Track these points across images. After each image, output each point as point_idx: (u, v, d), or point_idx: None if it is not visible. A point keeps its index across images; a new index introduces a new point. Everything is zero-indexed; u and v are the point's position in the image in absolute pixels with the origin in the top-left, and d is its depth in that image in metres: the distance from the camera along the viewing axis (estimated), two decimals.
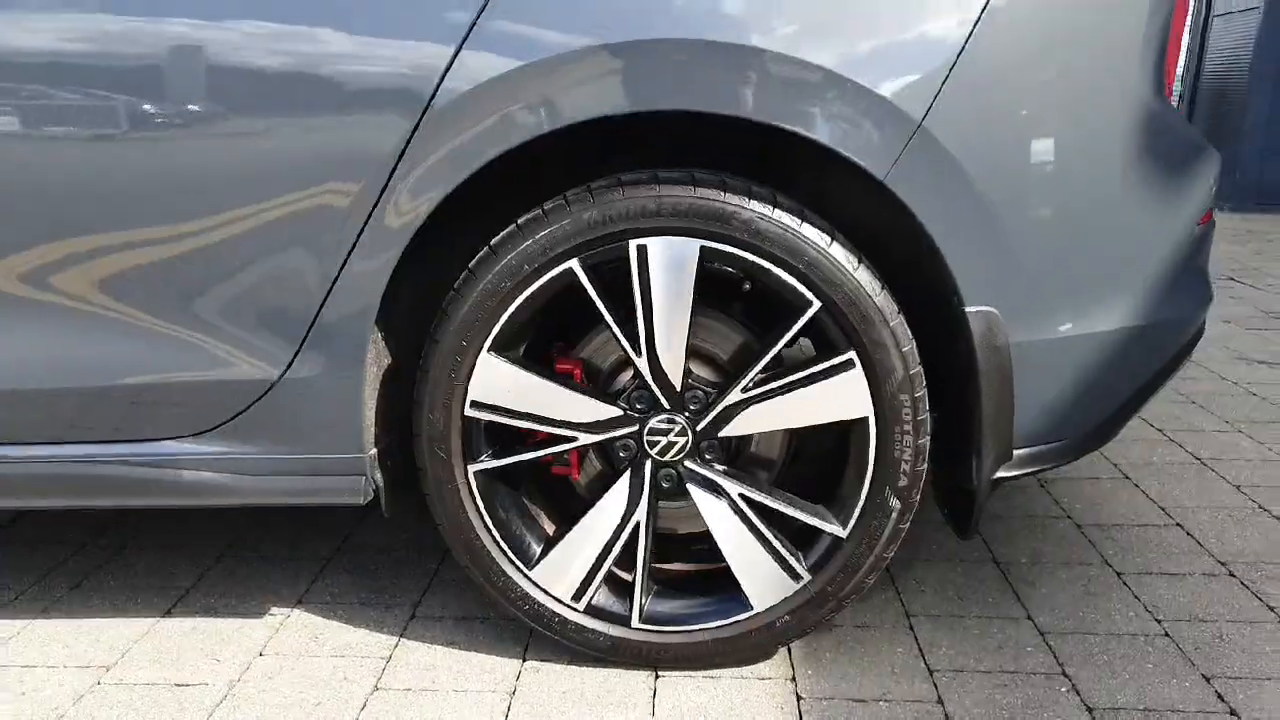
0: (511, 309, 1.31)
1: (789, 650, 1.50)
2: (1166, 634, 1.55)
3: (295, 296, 1.30)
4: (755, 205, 1.26)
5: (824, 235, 1.27)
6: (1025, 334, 1.31)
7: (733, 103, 1.21)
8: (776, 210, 1.26)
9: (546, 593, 1.43)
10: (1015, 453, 1.38)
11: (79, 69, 1.23)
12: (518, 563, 1.42)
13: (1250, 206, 6.11)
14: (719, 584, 1.44)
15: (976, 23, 1.21)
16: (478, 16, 1.20)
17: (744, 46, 1.19)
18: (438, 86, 1.20)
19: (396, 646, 1.52)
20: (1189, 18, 1.46)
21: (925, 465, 1.35)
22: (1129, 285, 1.37)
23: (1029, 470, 1.40)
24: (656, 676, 1.45)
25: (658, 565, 1.49)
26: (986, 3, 1.21)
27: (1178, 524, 1.92)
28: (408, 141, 1.22)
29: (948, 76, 1.21)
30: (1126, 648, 1.51)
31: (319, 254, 1.28)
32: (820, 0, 1.21)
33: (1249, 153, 6.09)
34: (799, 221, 1.27)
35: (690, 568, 1.51)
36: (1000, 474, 1.38)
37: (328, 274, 1.28)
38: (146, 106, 1.23)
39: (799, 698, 1.39)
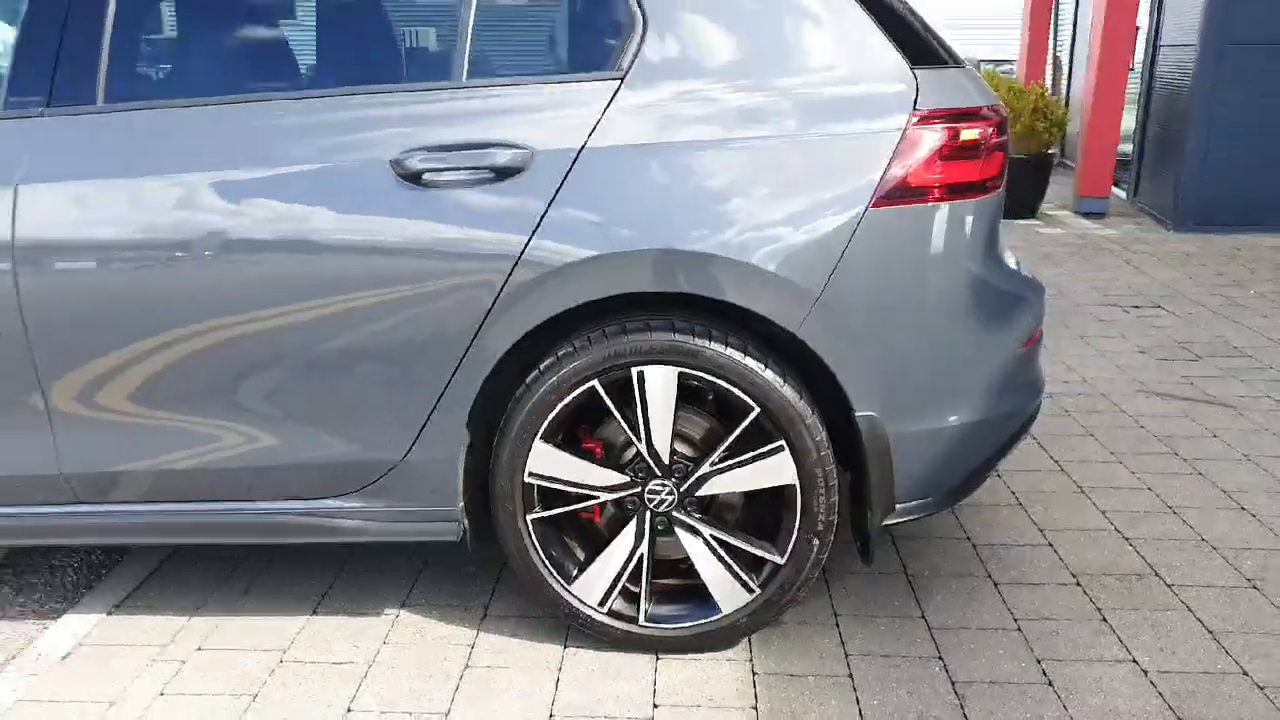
0: (554, 412, 1.97)
1: (749, 640, 2.16)
2: (1019, 629, 2.19)
3: (416, 408, 1.96)
4: (714, 345, 1.91)
5: (759, 363, 1.92)
6: (898, 427, 1.96)
7: (704, 286, 1.87)
8: (728, 348, 1.91)
9: (580, 601, 2.09)
10: (897, 507, 2.03)
11: (288, 276, 1.89)
12: (560, 580, 2.08)
13: (1190, 226, 6.65)
14: (698, 594, 2.09)
15: (854, 231, 1.86)
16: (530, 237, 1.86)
17: (707, 254, 1.85)
18: (508, 276, 1.87)
19: (476, 637, 2.19)
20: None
21: (835, 514, 2.01)
22: (972, 393, 2.01)
23: (908, 519, 2.05)
24: (657, 658, 2.10)
25: (656, 580, 2.14)
26: (861, 217, 1.85)
27: (1049, 543, 2.55)
28: (489, 309, 1.88)
29: (836, 266, 1.86)
30: (988, 638, 2.16)
31: (432, 382, 1.94)
32: (757, 220, 1.86)
33: (1189, 174, 6.62)
34: (743, 355, 1.91)
35: (678, 582, 2.16)
36: (887, 521, 2.03)
37: (436, 393, 1.95)
38: (336, 298, 1.90)
39: (754, 673, 2.04)
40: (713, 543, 2.05)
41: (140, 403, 1.99)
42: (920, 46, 2.01)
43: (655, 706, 1.94)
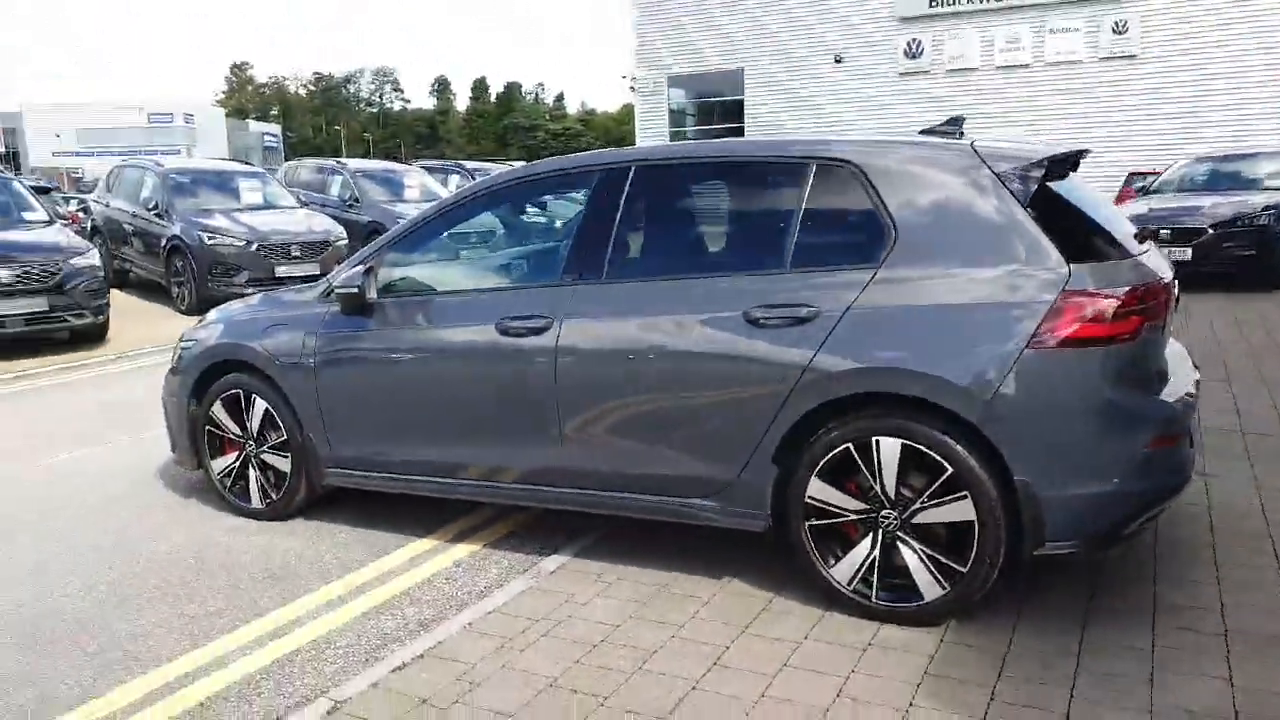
0: (825, 459, 3.32)
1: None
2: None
3: (745, 449, 3.43)
4: (923, 426, 3.16)
5: (951, 440, 3.12)
6: (1044, 491, 3.04)
7: (901, 387, 3.15)
8: (932, 430, 3.15)
9: (835, 581, 3.37)
10: (1046, 544, 3.08)
11: (696, 370, 3.50)
12: (825, 564, 3.38)
13: None
14: (909, 588, 3.27)
15: (1014, 363, 3.03)
16: (816, 352, 3.27)
17: (914, 370, 3.13)
18: (800, 377, 3.29)
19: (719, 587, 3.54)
20: None
21: (1002, 543, 3.11)
22: (1102, 474, 3.03)
23: (1055, 553, 3.09)
24: (879, 626, 3.30)
25: (884, 578, 3.35)
26: (1019, 355, 3.02)
27: None
28: (789, 394, 3.31)
29: (1000, 384, 3.03)
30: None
31: (756, 433, 3.39)
32: (948, 352, 3.11)
33: None
34: (942, 435, 3.13)
35: (899, 581, 3.35)
36: (1037, 552, 3.09)
37: (757, 441, 3.40)
38: (712, 383, 3.47)
39: (942, 640, 3.17)
40: (921, 553, 3.24)
41: (613, 434, 3.67)
42: (1084, 246, 3.14)
43: (870, 644, 3.17)
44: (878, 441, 3.24)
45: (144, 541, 4.42)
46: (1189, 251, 11.44)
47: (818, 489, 3.36)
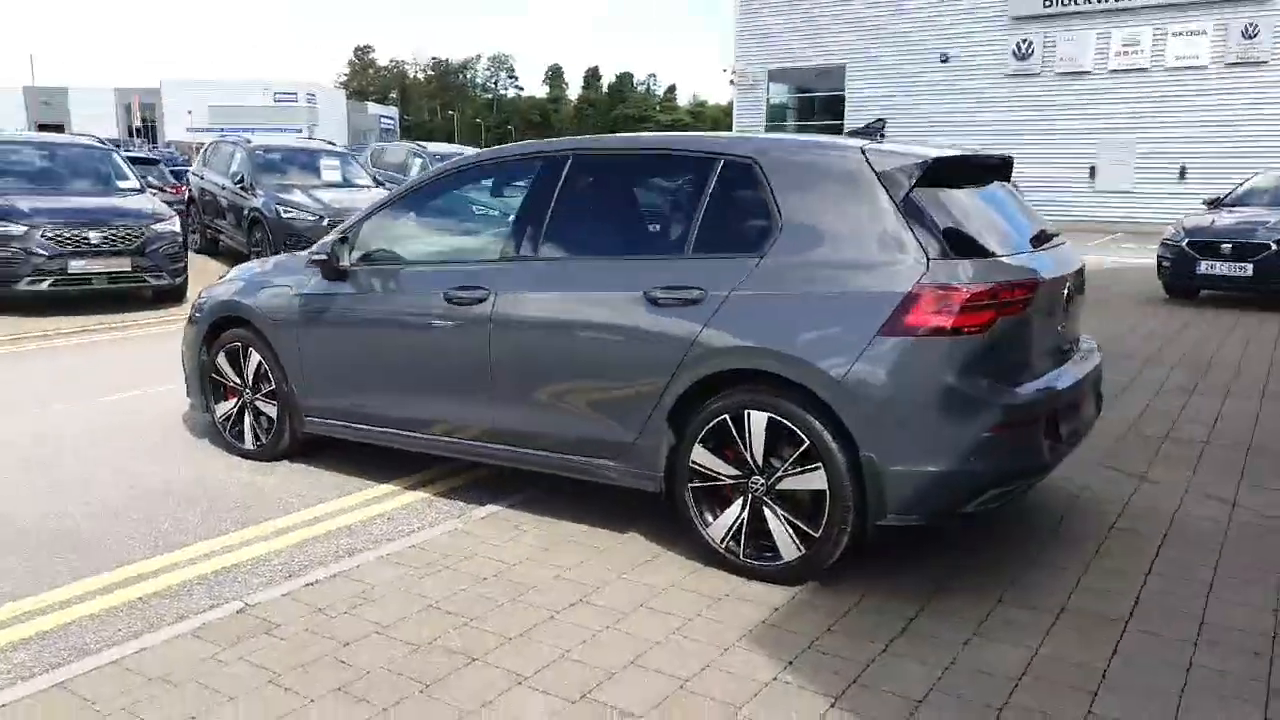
0: (705, 429, 3.64)
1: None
2: None
3: (643, 414, 3.78)
4: (786, 402, 3.46)
5: (810, 415, 3.41)
6: (888, 466, 3.31)
7: (779, 367, 3.45)
8: (794, 405, 3.45)
9: (711, 539, 3.70)
10: (888, 515, 3.35)
11: (595, 340, 3.88)
12: (703, 523, 3.71)
13: None
14: (773, 548, 3.58)
15: (866, 346, 3.31)
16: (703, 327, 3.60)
17: (783, 351, 3.44)
18: (688, 349, 3.62)
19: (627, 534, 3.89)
20: None
21: (850, 512, 3.39)
22: (941, 454, 3.29)
23: (897, 523, 3.36)
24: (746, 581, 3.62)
25: (751, 537, 3.66)
26: (871, 339, 3.30)
27: None
28: (679, 364, 3.65)
29: (852, 365, 3.31)
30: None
31: (651, 400, 3.74)
32: (809, 335, 3.41)
33: None
34: (802, 410, 3.43)
35: (765, 543, 3.66)
36: (879, 523, 3.37)
37: (653, 406, 3.74)
38: (612, 352, 3.84)
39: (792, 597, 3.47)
40: (782, 518, 3.54)
41: (534, 397, 4.08)
42: (958, 244, 3.39)
43: (726, 595, 3.49)
44: (749, 414, 3.56)
45: (151, 470, 5.03)
46: (1249, 268, 11.15)
47: (700, 455, 3.69)
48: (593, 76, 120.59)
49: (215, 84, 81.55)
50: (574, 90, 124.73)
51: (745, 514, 3.63)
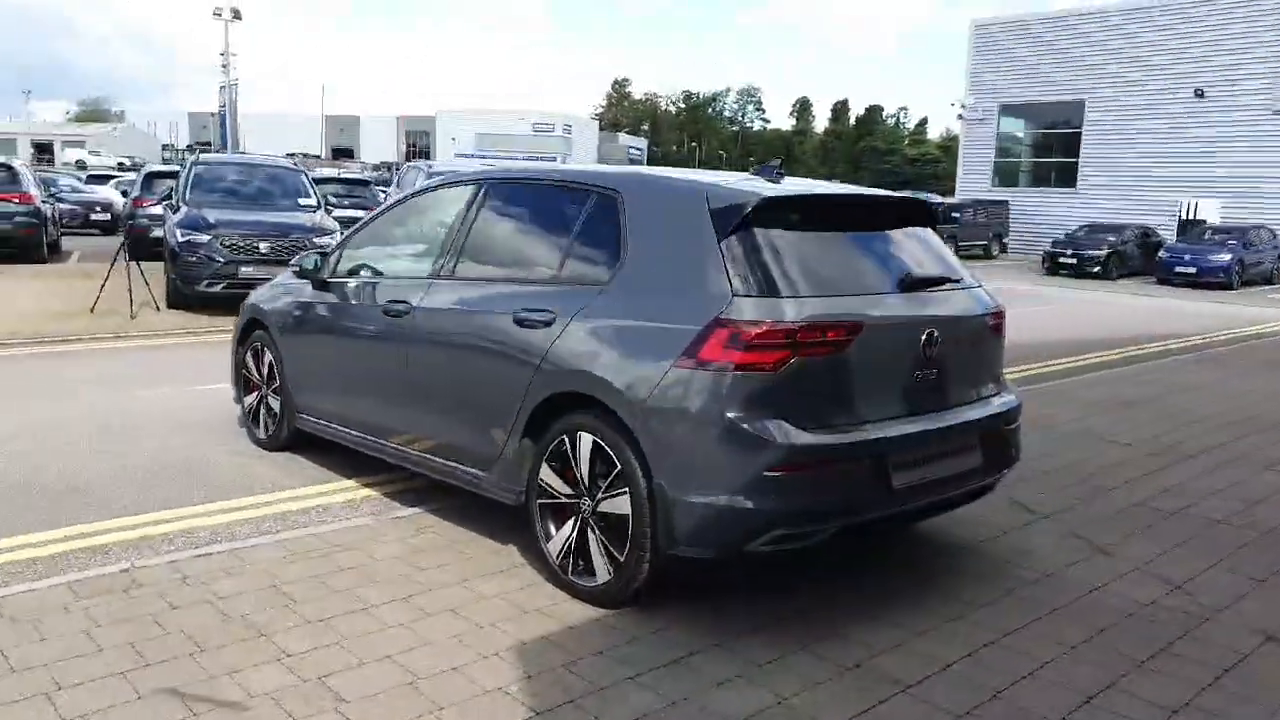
0: (550, 447, 3.79)
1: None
2: None
3: (507, 428, 3.98)
4: (606, 428, 3.55)
5: (624, 441, 3.49)
6: (676, 495, 3.33)
7: (599, 393, 3.56)
8: (613, 431, 3.53)
9: (550, 553, 3.82)
10: (678, 547, 3.36)
11: (463, 356, 4.14)
12: (545, 539, 3.84)
13: None
14: (591, 568, 3.66)
15: (664, 375, 3.36)
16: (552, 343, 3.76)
17: (600, 377, 3.55)
18: (539, 365, 3.80)
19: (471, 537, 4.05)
20: None
21: (649, 538, 3.42)
22: (725, 489, 3.27)
23: (690, 555, 3.36)
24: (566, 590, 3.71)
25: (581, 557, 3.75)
26: (669, 369, 3.35)
27: None
28: (531, 381, 3.83)
29: (652, 392, 3.37)
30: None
31: (512, 412, 3.93)
32: (623, 363, 3.49)
33: None
34: (616, 434, 3.51)
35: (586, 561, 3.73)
36: (671, 552, 3.38)
37: (513, 419, 3.93)
38: (477, 365, 4.08)
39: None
40: (599, 540, 3.63)
41: (434, 406, 4.39)
42: (764, 282, 3.38)
43: (539, 609, 3.61)
44: (580, 436, 3.67)
45: (179, 445, 5.79)
46: None
47: (545, 473, 3.84)
48: (841, 109, 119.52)
49: (483, 113, 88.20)
50: (820, 123, 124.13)
51: (574, 534, 3.73)
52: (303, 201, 12.70)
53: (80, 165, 50.99)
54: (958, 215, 32.18)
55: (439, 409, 4.36)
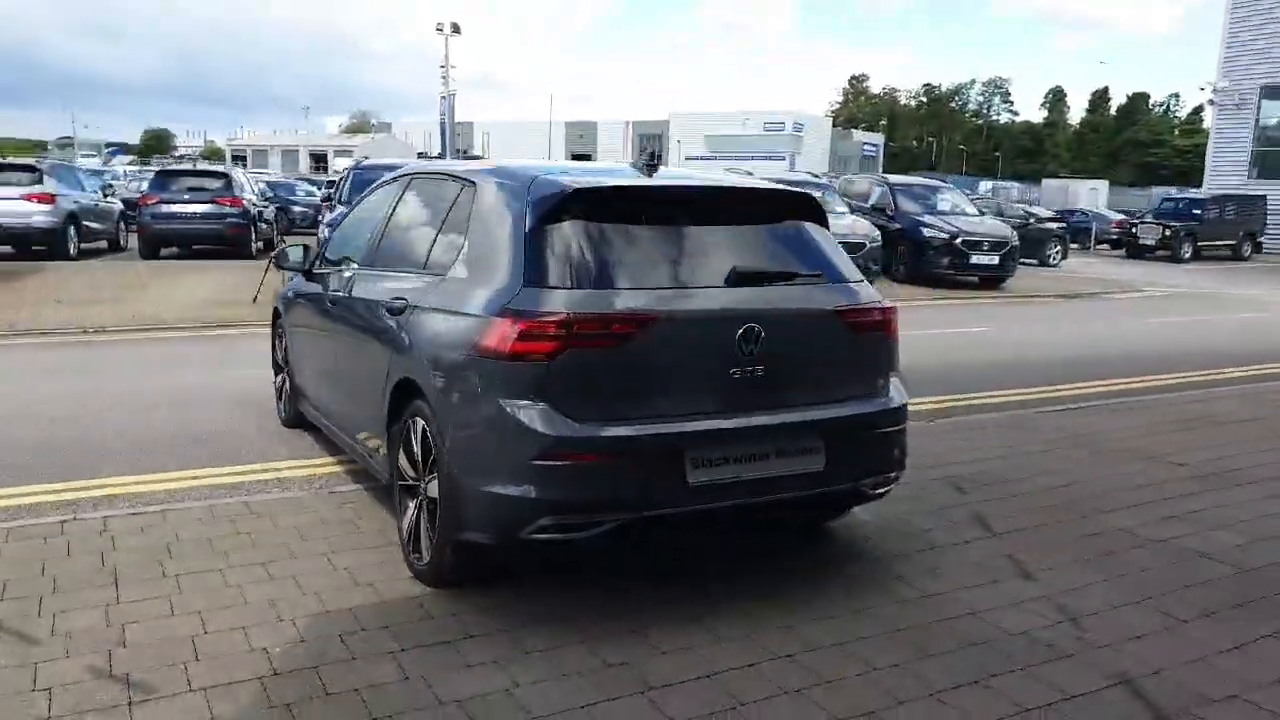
0: (405, 432, 3.95)
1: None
2: None
3: (380, 410, 4.17)
4: (428, 413, 3.67)
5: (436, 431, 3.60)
6: (466, 481, 3.41)
7: (421, 379, 3.69)
8: (430, 417, 3.65)
9: (400, 531, 3.98)
10: (466, 533, 3.43)
11: (357, 337, 4.39)
12: (399, 517, 4.01)
13: None
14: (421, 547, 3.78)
15: (461, 360, 3.44)
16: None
17: (422, 362, 3.68)
18: (391, 358, 3.98)
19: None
20: None
21: (454, 524, 3.51)
22: (499, 477, 3.30)
23: (478, 540, 3.43)
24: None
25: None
26: (467, 355, 3.43)
27: None
28: (388, 369, 4.01)
29: (447, 378, 3.46)
30: None
31: (381, 402, 4.13)
32: (434, 348, 3.59)
33: None
34: (433, 422, 3.63)
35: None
36: (458, 538, 3.45)
37: (381, 405, 4.13)
38: (367, 347, 4.32)
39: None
40: (425, 520, 3.75)
41: (344, 388, 4.67)
42: (554, 274, 3.38)
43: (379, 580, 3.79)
44: (416, 421, 3.80)
45: (217, 419, 6.48)
46: None
47: (400, 455, 4.00)
48: (1099, 98, 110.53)
49: (714, 115, 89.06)
50: (1076, 114, 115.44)
51: (415, 514, 3.87)
52: None
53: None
54: (1199, 212, 29.06)
55: (349, 393, 4.65)
